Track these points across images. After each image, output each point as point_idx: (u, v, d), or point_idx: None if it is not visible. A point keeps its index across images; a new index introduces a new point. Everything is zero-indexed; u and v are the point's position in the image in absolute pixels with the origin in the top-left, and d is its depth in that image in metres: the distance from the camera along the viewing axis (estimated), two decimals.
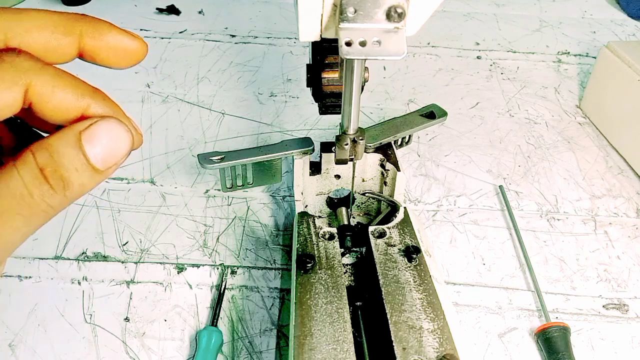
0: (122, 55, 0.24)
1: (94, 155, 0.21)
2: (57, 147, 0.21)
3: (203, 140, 0.64)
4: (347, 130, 0.40)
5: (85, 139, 0.21)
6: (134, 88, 0.72)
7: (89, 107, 0.22)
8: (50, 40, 0.22)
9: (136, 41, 0.24)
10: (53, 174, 0.21)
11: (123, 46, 0.24)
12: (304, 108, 0.69)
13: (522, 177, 0.60)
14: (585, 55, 0.81)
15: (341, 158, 0.42)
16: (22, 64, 0.20)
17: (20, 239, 0.21)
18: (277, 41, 0.82)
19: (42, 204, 0.21)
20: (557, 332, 0.42)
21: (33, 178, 0.20)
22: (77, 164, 0.21)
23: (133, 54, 0.24)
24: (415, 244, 0.41)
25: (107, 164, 0.22)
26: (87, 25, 0.23)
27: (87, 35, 0.23)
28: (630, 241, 0.53)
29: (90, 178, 0.22)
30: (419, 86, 0.73)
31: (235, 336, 0.44)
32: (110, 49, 0.23)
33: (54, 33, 0.22)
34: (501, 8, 0.93)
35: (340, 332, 0.35)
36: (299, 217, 0.45)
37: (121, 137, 0.22)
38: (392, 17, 0.30)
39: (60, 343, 0.43)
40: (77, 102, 0.22)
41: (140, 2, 0.92)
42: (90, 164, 0.21)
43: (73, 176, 0.21)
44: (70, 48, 0.23)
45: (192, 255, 0.51)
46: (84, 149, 0.21)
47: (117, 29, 0.24)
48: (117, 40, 0.23)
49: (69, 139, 0.21)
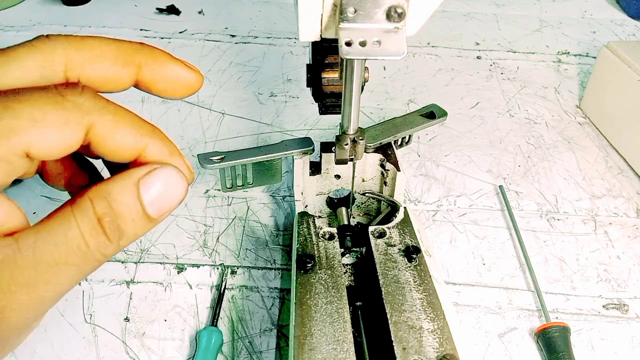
0: (179, 88, 0.24)
1: (150, 205, 0.21)
2: (115, 196, 0.20)
3: (203, 140, 0.64)
4: (347, 130, 0.40)
5: (144, 187, 0.21)
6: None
7: (147, 147, 0.22)
8: (109, 71, 0.22)
9: (194, 74, 0.24)
10: (110, 224, 0.20)
11: (180, 79, 0.23)
12: (304, 108, 0.69)
13: (522, 177, 0.60)
14: (585, 55, 0.81)
15: (341, 158, 0.42)
16: (86, 104, 0.20)
17: (70, 287, 0.21)
18: (277, 41, 0.82)
19: (96, 254, 0.21)
20: (557, 332, 0.42)
21: (91, 229, 0.20)
22: (134, 214, 0.21)
23: (190, 86, 0.24)
24: (415, 244, 0.41)
25: (161, 212, 0.22)
26: (147, 57, 0.23)
27: (145, 67, 0.23)
28: (630, 241, 0.53)
29: (144, 227, 0.21)
30: (419, 86, 0.73)
31: (235, 336, 0.44)
32: (167, 81, 0.23)
33: (113, 65, 0.22)
34: (501, 8, 0.93)
35: (340, 332, 0.35)
36: (299, 217, 0.45)
37: (177, 186, 0.22)
38: (392, 17, 0.30)
39: (60, 343, 0.44)
40: (136, 143, 0.21)
41: (140, 2, 0.92)
42: (146, 213, 0.21)
43: (129, 226, 0.21)
44: (128, 79, 0.23)
45: (192, 255, 0.51)
46: (142, 199, 0.21)
47: (175, 61, 0.23)
48: (176, 72, 0.23)
49: (128, 187, 0.21)
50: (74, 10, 0.90)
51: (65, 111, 0.19)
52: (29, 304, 0.20)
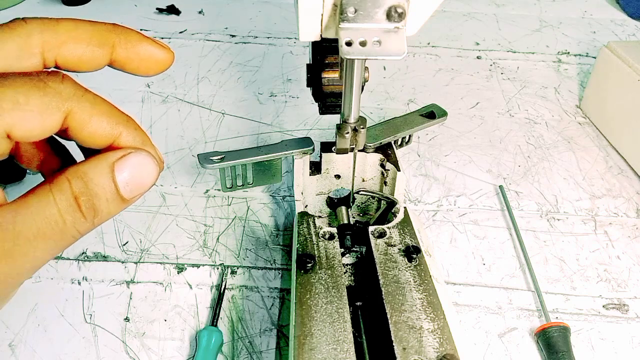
0: (151, 65, 0.25)
1: (123, 186, 0.23)
2: (92, 176, 0.22)
3: (203, 140, 0.64)
4: (347, 118, 0.40)
5: (118, 169, 0.22)
6: (133, 88, 0.72)
7: (121, 135, 0.23)
8: (85, 52, 0.23)
9: (165, 51, 0.25)
10: (86, 203, 0.22)
11: (152, 56, 0.25)
12: (304, 108, 0.69)
13: (522, 177, 0.60)
14: (585, 55, 0.81)
15: (342, 147, 0.42)
16: (66, 91, 0.21)
17: (45, 261, 0.22)
18: (277, 41, 0.82)
19: (72, 230, 0.22)
20: (557, 332, 0.42)
21: (67, 206, 0.21)
22: (108, 194, 0.22)
23: (161, 63, 0.25)
24: (416, 244, 0.41)
25: (134, 194, 0.23)
26: (120, 37, 0.24)
27: (119, 46, 0.24)
28: (630, 241, 0.53)
29: (117, 207, 0.23)
30: (419, 86, 0.73)
31: (235, 336, 0.44)
32: (140, 59, 0.24)
33: (89, 45, 0.23)
34: (501, 8, 0.93)
35: (341, 332, 0.35)
36: (299, 217, 0.45)
37: (150, 169, 0.24)
38: (393, 17, 0.30)
39: (60, 343, 0.43)
40: (111, 130, 0.23)
41: (140, 2, 0.92)
42: (120, 194, 0.23)
43: (103, 205, 0.22)
44: (103, 58, 0.24)
45: (192, 255, 0.51)
46: (115, 180, 0.22)
47: (147, 40, 0.25)
48: (148, 50, 0.24)
49: (103, 169, 0.22)
50: (73, 10, 0.90)
51: (47, 97, 0.21)
52: (7, 274, 0.21)
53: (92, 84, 0.24)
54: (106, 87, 0.70)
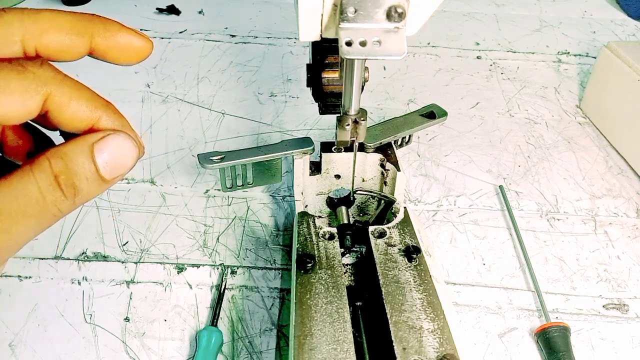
0: (130, 54, 0.25)
1: (103, 166, 0.23)
2: (71, 156, 0.23)
3: (203, 140, 0.64)
4: (348, 110, 0.40)
5: (97, 150, 0.23)
6: (134, 88, 0.72)
7: (101, 119, 0.24)
8: (64, 40, 0.23)
9: (143, 40, 0.25)
10: (66, 181, 0.22)
11: (131, 45, 0.25)
12: (304, 108, 0.69)
13: (522, 177, 0.60)
14: (585, 55, 0.81)
15: (342, 140, 0.41)
16: (45, 75, 0.22)
17: (28, 239, 0.23)
18: (277, 41, 0.82)
19: (53, 209, 0.22)
20: (557, 332, 0.42)
21: (48, 184, 0.22)
22: (88, 174, 0.23)
23: (140, 52, 0.26)
24: (416, 244, 0.41)
25: (114, 174, 0.24)
26: (99, 26, 0.25)
27: (98, 35, 0.24)
28: (630, 241, 0.53)
29: (98, 187, 0.24)
30: (419, 86, 0.73)
31: (235, 336, 0.44)
32: (119, 48, 0.25)
33: (68, 34, 0.24)
34: (501, 8, 0.93)
35: (341, 332, 0.35)
36: (299, 217, 0.45)
37: (129, 150, 0.24)
38: (393, 17, 0.30)
39: (60, 343, 0.44)
40: (91, 114, 0.23)
41: (140, 2, 0.92)
42: (100, 174, 0.23)
43: (83, 184, 0.23)
44: (83, 47, 0.24)
45: (192, 255, 0.51)
46: (95, 160, 0.23)
47: (126, 29, 0.25)
48: (127, 39, 0.25)
49: (83, 149, 0.23)
50: (74, 10, 0.89)
51: (26, 80, 0.21)
52: None
53: (92, 84, 0.24)
54: (106, 87, 0.70)
